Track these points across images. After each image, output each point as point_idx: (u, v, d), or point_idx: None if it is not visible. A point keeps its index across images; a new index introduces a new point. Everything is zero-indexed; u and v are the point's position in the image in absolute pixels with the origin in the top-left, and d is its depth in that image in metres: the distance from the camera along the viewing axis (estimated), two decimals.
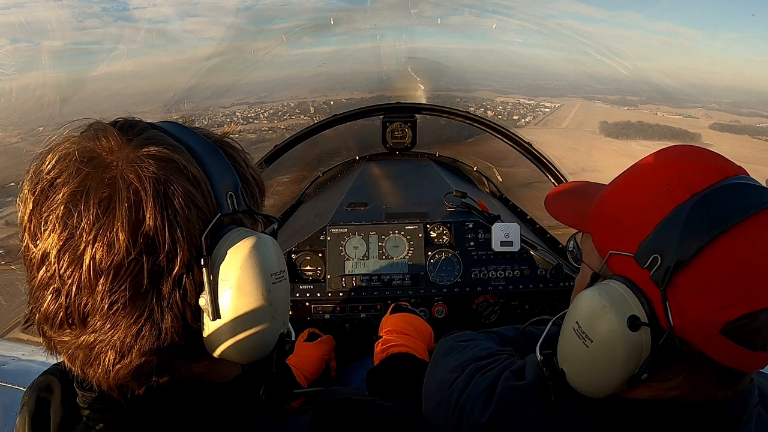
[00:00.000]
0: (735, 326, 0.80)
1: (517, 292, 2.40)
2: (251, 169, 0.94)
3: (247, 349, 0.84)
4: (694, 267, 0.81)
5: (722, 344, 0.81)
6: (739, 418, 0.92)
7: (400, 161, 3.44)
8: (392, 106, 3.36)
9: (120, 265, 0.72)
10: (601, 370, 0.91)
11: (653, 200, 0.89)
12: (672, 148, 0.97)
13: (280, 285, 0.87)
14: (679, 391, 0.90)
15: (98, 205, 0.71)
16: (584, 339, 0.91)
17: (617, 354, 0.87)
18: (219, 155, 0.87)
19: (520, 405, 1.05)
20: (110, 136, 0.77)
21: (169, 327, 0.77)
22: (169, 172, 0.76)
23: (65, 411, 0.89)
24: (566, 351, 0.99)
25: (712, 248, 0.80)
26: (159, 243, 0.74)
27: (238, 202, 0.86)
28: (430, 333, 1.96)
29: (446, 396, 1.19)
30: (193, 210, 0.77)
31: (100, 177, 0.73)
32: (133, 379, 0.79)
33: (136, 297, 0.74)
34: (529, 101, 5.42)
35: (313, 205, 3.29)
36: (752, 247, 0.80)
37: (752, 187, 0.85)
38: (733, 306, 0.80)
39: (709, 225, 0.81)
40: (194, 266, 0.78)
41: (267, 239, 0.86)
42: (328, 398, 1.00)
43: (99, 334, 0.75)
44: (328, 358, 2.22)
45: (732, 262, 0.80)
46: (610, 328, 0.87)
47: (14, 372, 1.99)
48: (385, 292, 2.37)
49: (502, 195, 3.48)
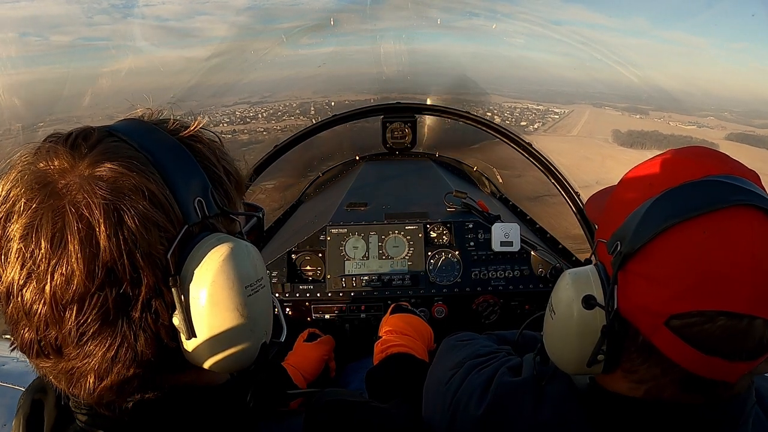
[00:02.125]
0: (684, 322, 0.80)
1: (517, 292, 2.40)
2: (223, 163, 0.88)
3: (228, 362, 0.81)
4: (646, 254, 0.83)
5: (668, 337, 0.81)
6: (735, 419, 0.91)
7: (400, 161, 3.44)
8: (392, 106, 3.36)
9: (83, 298, 0.69)
10: (562, 343, 0.98)
11: (637, 194, 0.91)
12: (684, 148, 0.97)
13: (258, 295, 0.82)
14: (647, 385, 0.91)
15: (50, 241, 0.68)
16: (551, 312, 1.00)
17: (572, 329, 0.93)
18: (185, 157, 0.81)
19: (515, 400, 1.06)
20: (61, 155, 0.73)
21: (144, 348, 0.74)
22: (123, 195, 0.71)
23: (59, 413, 0.89)
24: (544, 323, 1.06)
25: (665, 238, 0.81)
26: (119, 272, 0.70)
27: (209, 206, 0.81)
28: (429, 333, 1.96)
29: (443, 392, 1.20)
30: (154, 231, 0.73)
31: (52, 207, 0.69)
32: (117, 397, 0.78)
33: (105, 325, 0.71)
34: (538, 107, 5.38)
35: (313, 205, 3.29)
36: (708, 243, 0.79)
37: (727, 185, 0.83)
38: (680, 299, 0.80)
39: (666, 215, 0.82)
40: (162, 288, 0.74)
41: (240, 246, 0.81)
42: (322, 400, 0.99)
43: (75, 362, 0.73)
44: (328, 358, 2.22)
45: (684, 255, 0.80)
46: (568, 303, 0.94)
47: (14, 372, 1.99)
48: (385, 293, 2.37)
49: (502, 195, 3.48)
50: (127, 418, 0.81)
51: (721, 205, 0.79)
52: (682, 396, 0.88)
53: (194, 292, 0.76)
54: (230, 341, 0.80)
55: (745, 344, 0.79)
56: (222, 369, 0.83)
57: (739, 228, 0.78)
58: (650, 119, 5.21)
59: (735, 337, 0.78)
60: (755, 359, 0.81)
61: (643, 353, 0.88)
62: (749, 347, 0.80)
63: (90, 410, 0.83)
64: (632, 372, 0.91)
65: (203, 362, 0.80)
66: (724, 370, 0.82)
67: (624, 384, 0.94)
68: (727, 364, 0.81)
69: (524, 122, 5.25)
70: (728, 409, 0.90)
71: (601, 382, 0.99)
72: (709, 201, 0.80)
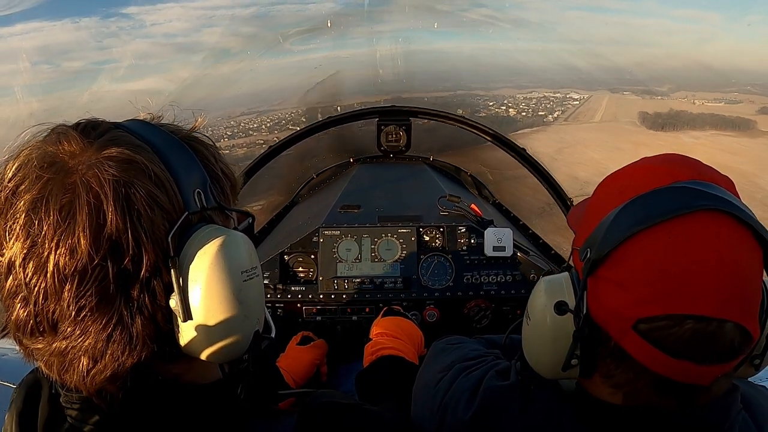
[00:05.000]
0: (652, 326, 0.81)
1: (509, 297, 2.40)
2: (221, 164, 0.93)
3: (221, 348, 0.83)
4: (614, 260, 0.86)
5: (637, 342, 0.83)
6: (717, 426, 0.91)
7: (394, 164, 3.44)
8: (387, 109, 3.36)
9: (84, 271, 0.71)
10: (538, 348, 1.01)
11: (607, 202, 0.93)
12: (657, 155, 0.99)
13: (252, 282, 0.85)
14: (624, 390, 0.92)
15: (59, 212, 0.71)
16: (527, 318, 1.04)
17: (546, 334, 0.97)
18: (185, 152, 0.85)
19: (503, 404, 1.07)
20: (72, 139, 0.76)
21: (140, 330, 0.76)
22: (130, 174, 0.75)
23: (51, 409, 0.89)
24: (522, 330, 1.09)
25: (633, 243, 0.83)
26: (123, 247, 0.72)
27: (207, 199, 0.85)
28: (420, 337, 1.96)
29: (431, 395, 1.20)
30: (157, 211, 0.76)
31: (61, 182, 0.72)
32: (109, 383, 0.78)
33: (104, 302, 0.73)
34: (555, 94, 5.31)
35: (307, 206, 3.28)
36: (674, 247, 0.80)
37: (694, 190, 0.83)
38: (647, 303, 0.81)
39: (633, 221, 0.84)
40: (162, 268, 0.77)
41: (237, 236, 0.84)
42: (315, 401, 0.99)
43: (70, 341, 0.74)
44: (320, 362, 2.21)
45: (650, 260, 0.81)
46: (541, 309, 0.98)
47: (6, 369, 1.97)
48: (377, 295, 2.37)
49: (495, 200, 3.48)
50: (118, 409, 0.81)
51: (687, 210, 0.80)
52: (657, 400, 0.89)
53: (192, 275, 0.79)
54: (225, 325, 0.82)
55: (715, 347, 0.80)
56: (215, 356, 0.84)
57: (704, 232, 0.79)
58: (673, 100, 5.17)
59: (704, 340, 0.79)
60: (727, 362, 0.82)
61: (616, 358, 0.89)
62: (720, 350, 0.80)
63: (80, 404, 0.83)
64: (609, 377, 0.92)
65: (196, 348, 0.82)
66: (695, 374, 0.82)
67: (604, 389, 0.95)
68: (696, 368, 0.81)
69: (542, 112, 5.13)
70: (705, 415, 0.90)
71: (585, 386, 1.00)
72: (675, 206, 0.81)
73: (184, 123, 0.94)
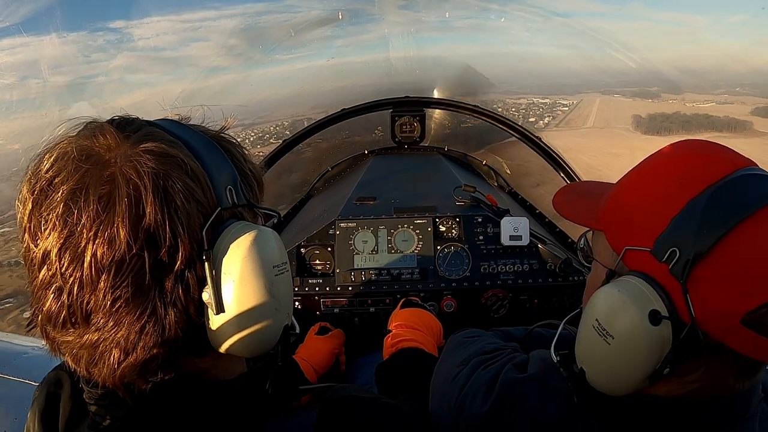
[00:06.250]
0: (755, 315, 0.79)
1: (526, 286, 2.39)
2: (249, 164, 0.94)
3: (251, 342, 0.84)
4: (713, 258, 0.81)
5: (743, 335, 0.80)
6: (742, 415, 0.91)
7: (409, 155, 3.44)
8: (401, 100, 3.35)
9: (121, 262, 0.72)
10: (624, 367, 0.90)
11: (666, 195, 0.89)
12: (681, 143, 0.97)
13: (283, 277, 0.87)
14: (698, 384, 0.89)
15: (98, 202, 0.71)
16: (605, 336, 0.90)
17: (640, 349, 0.86)
18: (216, 150, 0.87)
19: (521, 397, 1.05)
20: (107, 133, 0.77)
21: (172, 322, 0.77)
22: (168, 167, 0.76)
23: (74, 406, 0.90)
24: (586, 350, 0.97)
25: (730, 238, 0.80)
26: (160, 238, 0.73)
27: (238, 196, 0.86)
28: (439, 328, 1.96)
29: (449, 388, 1.20)
30: (194, 204, 0.77)
31: (99, 174, 0.73)
32: (138, 376, 0.79)
33: (139, 293, 0.74)
34: (544, 100, 5.29)
35: (322, 199, 3.29)
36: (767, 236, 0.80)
37: (765, 177, 0.85)
38: (752, 295, 0.79)
39: (727, 215, 0.81)
40: (196, 261, 0.78)
41: (268, 232, 0.85)
42: (335, 396, 1.00)
43: (103, 332, 0.75)
44: (338, 352, 2.22)
45: (750, 252, 0.80)
46: (632, 323, 0.86)
47: (25, 367, 2.01)
48: (394, 287, 2.37)
49: (511, 189, 3.46)
50: (143, 403, 0.82)
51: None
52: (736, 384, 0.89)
53: (225, 268, 0.80)
54: (256, 318, 0.83)
55: None
56: (245, 349, 0.85)
57: None
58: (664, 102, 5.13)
59: None
60: None
61: (705, 356, 0.86)
62: None
63: (104, 399, 0.84)
64: (686, 374, 0.89)
65: (228, 341, 0.83)
66: None
67: (665, 387, 0.92)
68: None
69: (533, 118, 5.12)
70: (730, 404, 0.91)
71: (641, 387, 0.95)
72: (761, 196, 0.81)
73: None
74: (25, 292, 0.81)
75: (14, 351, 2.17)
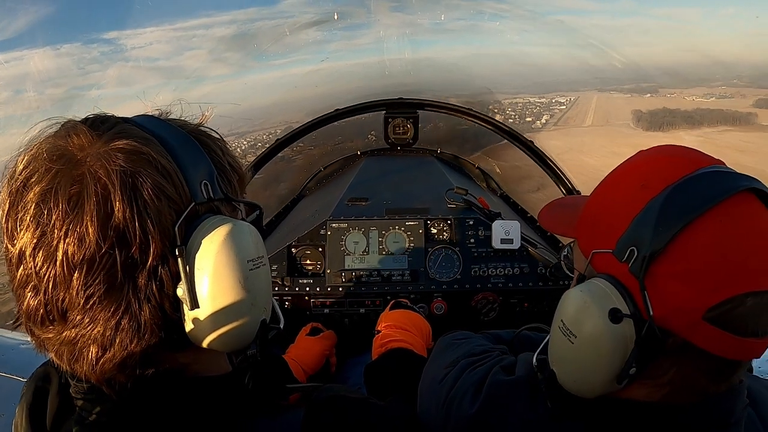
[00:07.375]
0: (719, 312, 0.80)
1: (517, 290, 2.40)
2: (228, 157, 0.94)
3: (228, 336, 0.84)
4: (670, 254, 0.82)
5: (707, 331, 0.81)
6: (726, 419, 0.91)
7: (401, 157, 3.44)
8: (394, 101, 3.35)
9: (92, 259, 0.73)
10: (589, 366, 0.91)
11: (630, 197, 0.90)
12: (652, 148, 0.98)
13: (259, 271, 0.86)
14: (671, 387, 0.90)
15: (67, 202, 0.72)
16: (569, 336, 0.92)
17: (603, 347, 0.87)
18: (193, 145, 0.87)
19: (508, 399, 1.06)
20: (81, 133, 0.78)
21: (147, 318, 0.77)
22: (137, 165, 0.76)
23: (61, 401, 0.90)
24: (554, 350, 0.99)
25: (687, 234, 0.81)
26: (130, 235, 0.74)
27: (214, 190, 0.86)
28: (428, 330, 1.97)
29: (437, 390, 1.20)
30: (164, 201, 0.78)
31: (70, 174, 0.74)
32: (119, 372, 0.80)
33: (112, 290, 0.75)
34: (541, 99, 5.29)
35: (314, 199, 3.29)
36: (727, 230, 0.80)
37: (726, 173, 0.86)
38: (713, 291, 0.80)
39: (683, 211, 0.82)
40: (169, 256, 0.78)
41: (243, 225, 0.85)
42: (322, 395, 1.00)
43: (79, 329, 0.76)
44: (329, 353, 2.23)
45: (708, 247, 0.81)
46: (593, 322, 0.88)
47: (15, 363, 2.00)
48: (385, 288, 2.38)
49: (503, 192, 3.48)
50: (126, 398, 0.83)
51: (730, 193, 0.82)
52: (712, 387, 0.89)
53: (199, 263, 0.81)
54: (231, 313, 0.83)
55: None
56: (222, 344, 0.85)
57: (752, 210, 0.83)
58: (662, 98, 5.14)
59: (763, 314, 0.81)
60: None
61: (671, 355, 0.87)
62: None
63: (89, 394, 0.85)
64: (657, 377, 0.90)
65: (203, 336, 0.83)
66: (758, 349, 0.84)
67: (641, 390, 0.92)
68: (760, 342, 0.83)
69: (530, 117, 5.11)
70: (713, 408, 0.91)
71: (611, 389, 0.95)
72: (718, 191, 0.82)
73: None
74: None
75: (2, 346, 2.15)
